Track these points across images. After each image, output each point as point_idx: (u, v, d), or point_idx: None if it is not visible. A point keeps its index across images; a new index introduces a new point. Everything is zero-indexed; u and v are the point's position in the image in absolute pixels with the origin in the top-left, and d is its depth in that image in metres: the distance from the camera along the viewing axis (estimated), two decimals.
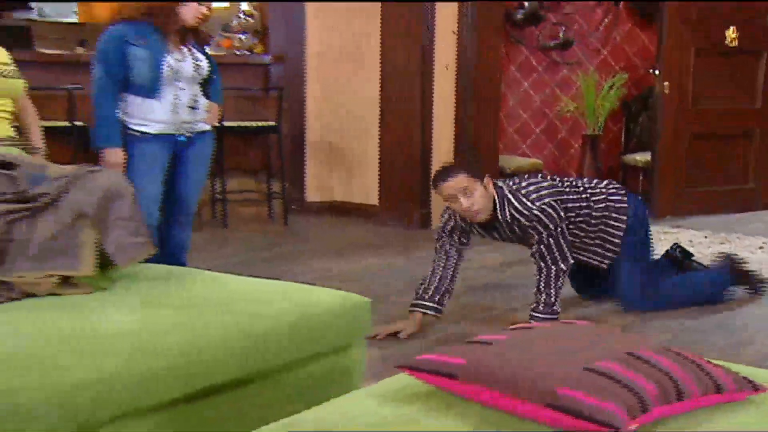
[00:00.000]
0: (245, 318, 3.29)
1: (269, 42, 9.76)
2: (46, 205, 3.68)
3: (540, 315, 5.00)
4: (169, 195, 5.48)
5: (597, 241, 5.44)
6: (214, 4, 5.16)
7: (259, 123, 8.27)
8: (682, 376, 2.17)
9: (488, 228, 5.18)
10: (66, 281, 3.55)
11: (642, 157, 9.38)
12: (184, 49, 5.41)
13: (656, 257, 6.07)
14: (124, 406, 2.85)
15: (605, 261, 5.51)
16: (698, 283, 5.93)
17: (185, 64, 5.38)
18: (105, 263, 3.67)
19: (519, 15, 9.27)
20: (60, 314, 3.26)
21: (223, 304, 3.41)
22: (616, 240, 5.45)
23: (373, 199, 8.60)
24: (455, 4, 8.09)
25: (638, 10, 9.77)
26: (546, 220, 4.99)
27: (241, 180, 8.77)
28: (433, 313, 5.18)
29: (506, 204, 4.99)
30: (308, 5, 8.89)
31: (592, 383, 2.07)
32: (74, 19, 15.17)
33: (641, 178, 9.45)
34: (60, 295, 3.50)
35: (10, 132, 4.92)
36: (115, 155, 5.24)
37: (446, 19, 8.13)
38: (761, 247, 7.59)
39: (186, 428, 3.08)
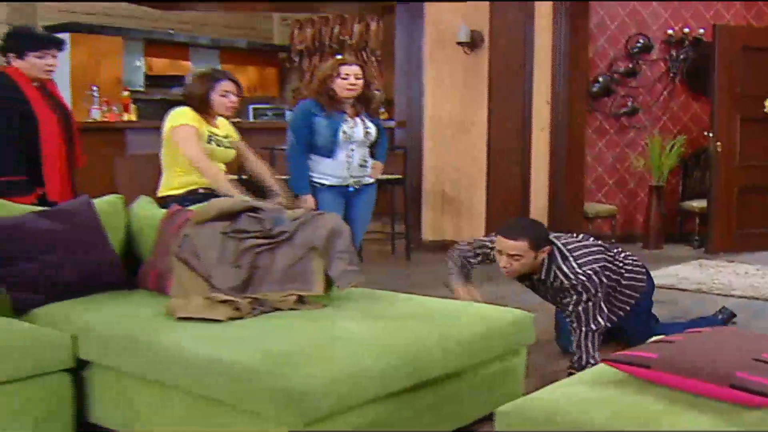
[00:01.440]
0: (446, 327, 3.61)
1: (394, 110, 10.11)
2: (284, 240, 4.06)
3: (576, 371, 4.37)
4: None
5: (617, 303, 5.01)
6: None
7: (389, 176, 8.59)
8: None
9: (522, 278, 4.77)
10: (300, 299, 3.90)
11: (698, 204, 9.56)
12: (357, 118, 5.76)
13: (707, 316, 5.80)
14: (369, 394, 3.19)
15: (614, 320, 4.98)
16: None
17: (357, 130, 5.75)
18: (328, 286, 4.02)
19: (595, 88, 9.52)
20: (307, 323, 3.61)
21: (425, 317, 3.73)
22: (632, 302, 5.05)
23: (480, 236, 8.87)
24: (549, 79, 8.40)
25: (691, 85, 9.97)
26: (589, 285, 4.54)
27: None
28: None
29: (554, 269, 4.58)
30: (426, 80, 9.21)
31: (762, 369, 2.37)
32: None
33: (697, 221, 9.61)
34: (298, 309, 3.84)
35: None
36: (308, 201, 5.62)
37: (542, 92, 8.47)
38: None
39: (410, 413, 3.41)
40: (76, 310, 3.92)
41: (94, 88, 10.62)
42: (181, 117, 5.04)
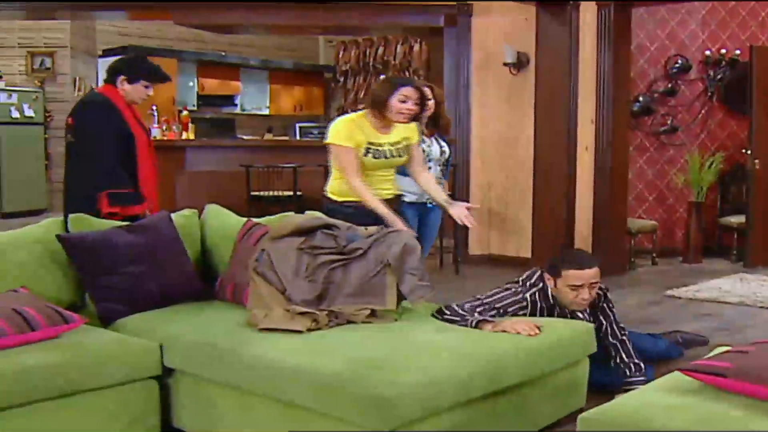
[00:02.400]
0: (518, 337, 3.67)
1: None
2: (358, 256, 4.13)
3: (635, 380, 4.35)
4: None
5: None
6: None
7: None
8: None
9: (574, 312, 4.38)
10: (373, 313, 3.96)
11: (736, 219, 9.56)
12: (432, 138, 5.73)
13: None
14: (449, 400, 3.26)
15: None
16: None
17: (434, 149, 5.70)
18: (399, 300, 4.08)
19: (635, 107, 9.56)
20: (385, 334, 3.67)
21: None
22: None
23: (526, 251, 8.94)
24: (593, 99, 8.44)
25: (728, 104, 9.98)
26: (610, 301, 4.50)
27: None
28: None
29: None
30: (473, 100, 9.29)
31: None
32: (266, 111, 15.78)
33: (735, 236, 9.60)
34: (371, 322, 3.91)
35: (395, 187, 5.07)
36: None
37: (586, 111, 8.50)
38: None
39: (486, 420, 3.48)
40: (160, 321, 4.02)
41: (154, 107, 10.77)
42: (331, 133, 4.87)
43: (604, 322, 4.47)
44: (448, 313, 4.01)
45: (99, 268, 4.17)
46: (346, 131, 4.82)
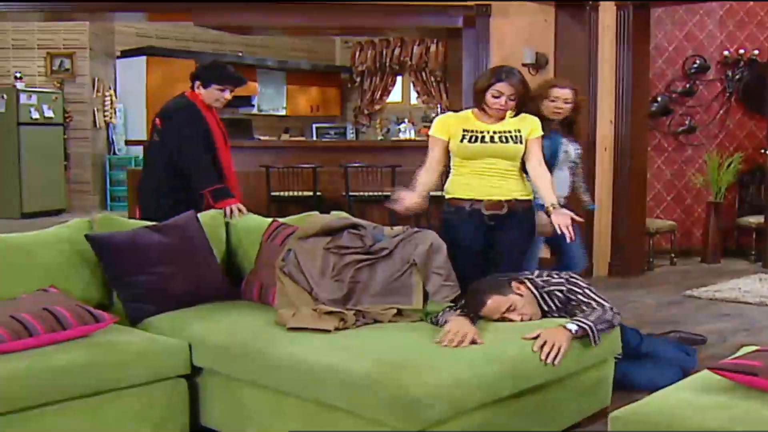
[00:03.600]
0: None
1: None
2: (384, 256, 4.15)
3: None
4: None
5: None
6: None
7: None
8: None
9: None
10: (399, 312, 3.98)
11: (754, 219, 9.53)
12: (566, 139, 5.37)
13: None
14: (476, 400, 3.29)
15: None
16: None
17: (570, 150, 5.38)
18: (425, 300, 4.09)
19: (654, 107, 9.54)
20: (413, 334, 3.69)
21: (520, 329, 3.77)
22: None
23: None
24: (612, 99, 8.45)
25: (746, 104, 9.97)
26: (578, 280, 4.10)
27: None
28: None
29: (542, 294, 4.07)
30: None
31: None
32: (282, 112, 15.83)
33: (754, 236, 9.59)
34: (397, 322, 3.92)
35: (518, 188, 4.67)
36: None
37: (605, 111, 8.50)
38: None
39: (512, 419, 3.50)
40: (188, 320, 4.05)
41: None
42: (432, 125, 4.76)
43: (572, 297, 4.05)
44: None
45: (127, 267, 4.21)
46: (441, 122, 4.70)
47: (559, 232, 4.43)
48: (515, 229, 4.63)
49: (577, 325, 3.73)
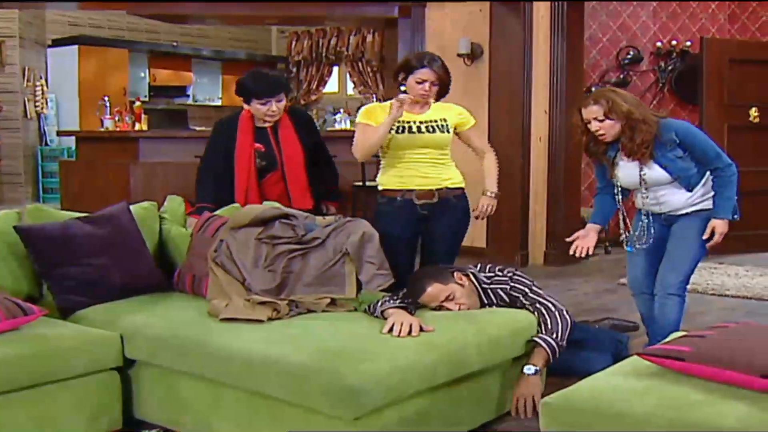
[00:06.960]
0: (478, 327, 3.71)
1: None
2: (316, 246, 4.15)
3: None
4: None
5: None
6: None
7: None
8: None
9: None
10: (332, 302, 3.99)
11: None
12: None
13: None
14: (413, 388, 3.31)
15: None
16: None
17: (653, 173, 4.81)
18: (358, 289, 4.10)
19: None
20: (347, 323, 3.70)
21: (455, 317, 3.81)
22: None
23: (481, 242, 8.97)
24: (547, 90, 8.53)
25: (679, 95, 10.13)
26: (522, 278, 4.14)
27: None
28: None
29: (485, 289, 4.11)
30: None
31: None
32: (218, 102, 15.73)
33: None
34: (331, 311, 3.93)
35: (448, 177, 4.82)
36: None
37: (540, 102, 8.58)
38: None
39: (448, 406, 3.53)
40: (120, 312, 4.00)
41: (106, 98, 10.69)
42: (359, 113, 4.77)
43: (517, 296, 4.09)
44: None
45: (57, 259, 4.14)
46: (368, 111, 4.75)
47: (478, 214, 4.85)
48: (448, 217, 4.69)
49: (539, 362, 3.83)
